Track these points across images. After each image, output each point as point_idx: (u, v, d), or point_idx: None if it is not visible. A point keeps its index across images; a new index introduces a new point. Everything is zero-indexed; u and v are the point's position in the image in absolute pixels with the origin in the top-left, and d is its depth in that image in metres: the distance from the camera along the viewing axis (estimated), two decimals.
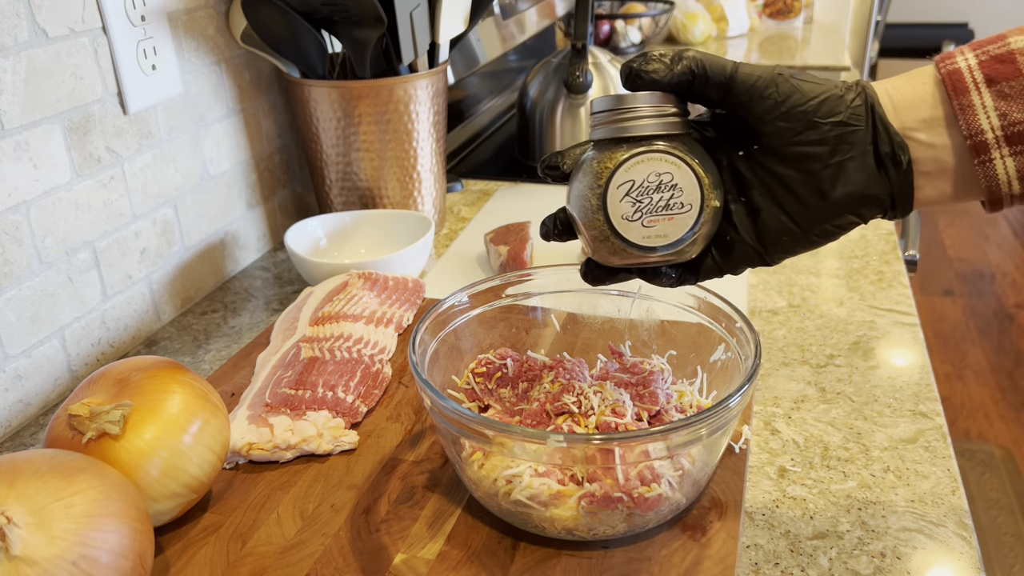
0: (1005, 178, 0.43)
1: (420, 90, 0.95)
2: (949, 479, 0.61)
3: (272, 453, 0.63)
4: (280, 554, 0.55)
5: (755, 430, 0.67)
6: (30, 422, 0.73)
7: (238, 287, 0.96)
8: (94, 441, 0.52)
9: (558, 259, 0.98)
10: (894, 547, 0.55)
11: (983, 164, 0.43)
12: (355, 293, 0.81)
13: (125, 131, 0.80)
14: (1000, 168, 0.43)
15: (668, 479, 0.52)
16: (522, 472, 0.52)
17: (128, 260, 0.83)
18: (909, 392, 0.71)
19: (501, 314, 0.68)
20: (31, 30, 0.69)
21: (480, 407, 0.64)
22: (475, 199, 1.19)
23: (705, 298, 0.64)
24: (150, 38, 0.81)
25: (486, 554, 0.54)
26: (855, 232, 1.03)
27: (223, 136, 0.95)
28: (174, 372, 0.57)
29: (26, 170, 0.70)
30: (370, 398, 0.69)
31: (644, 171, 0.46)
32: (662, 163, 0.46)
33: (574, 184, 0.49)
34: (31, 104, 0.70)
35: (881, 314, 0.84)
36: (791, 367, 0.75)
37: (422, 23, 0.93)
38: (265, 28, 0.89)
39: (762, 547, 0.55)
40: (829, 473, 0.62)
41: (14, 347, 0.71)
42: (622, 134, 0.47)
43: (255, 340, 0.81)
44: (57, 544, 0.44)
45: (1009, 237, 3.34)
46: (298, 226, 0.93)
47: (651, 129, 0.46)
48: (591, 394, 0.60)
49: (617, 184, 0.47)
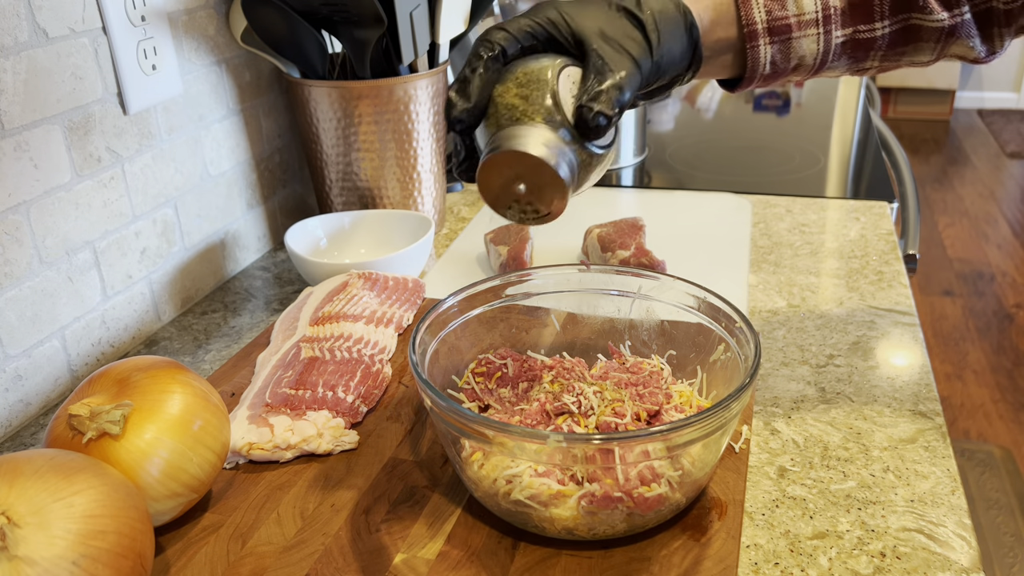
0: (763, 61, 0.58)
1: (420, 90, 0.95)
2: (949, 479, 0.61)
3: (272, 453, 0.63)
4: (280, 554, 0.55)
5: (755, 430, 0.67)
6: (30, 422, 0.73)
7: (238, 287, 0.96)
8: (94, 441, 0.52)
9: (558, 259, 0.98)
10: (894, 547, 0.55)
11: (753, 48, 0.57)
12: (355, 293, 0.81)
13: (125, 131, 0.80)
14: (762, 53, 0.58)
15: (668, 479, 0.52)
16: (522, 472, 0.52)
17: (128, 260, 0.83)
18: (909, 392, 0.71)
19: (501, 314, 0.68)
20: (31, 30, 0.69)
21: (480, 407, 0.64)
22: (475, 199, 1.19)
23: (705, 298, 0.64)
24: (150, 38, 0.81)
25: (486, 554, 0.54)
26: (855, 232, 1.03)
27: (223, 136, 0.95)
28: (174, 372, 0.57)
29: (26, 170, 0.70)
30: (370, 398, 0.69)
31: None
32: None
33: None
34: (31, 104, 0.70)
35: (881, 314, 0.84)
36: (791, 367, 0.75)
37: (422, 23, 0.93)
38: (265, 28, 0.89)
39: (762, 547, 0.55)
40: (829, 473, 0.62)
41: (14, 347, 0.71)
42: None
43: (255, 340, 0.81)
44: (57, 544, 0.44)
45: (1009, 237, 3.34)
46: (298, 226, 0.93)
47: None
48: (591, 394, 0.60)
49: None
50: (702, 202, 1.15)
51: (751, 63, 0.58)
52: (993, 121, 4.73)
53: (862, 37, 0.57)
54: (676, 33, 0.54)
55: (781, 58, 0.58)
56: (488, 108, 0.52)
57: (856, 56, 0.59)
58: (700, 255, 0.98)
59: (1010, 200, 3.72)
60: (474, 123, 0.53)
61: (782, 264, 0.95)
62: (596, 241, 0.93)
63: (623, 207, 1.16)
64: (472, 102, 0.51)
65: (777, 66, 0.58)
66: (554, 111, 0.51)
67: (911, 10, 0.57)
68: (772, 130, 1.53)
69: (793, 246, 1.00)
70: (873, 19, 0.57)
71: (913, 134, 4.59)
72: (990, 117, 4.80)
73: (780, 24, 0.57)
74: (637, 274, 0.68)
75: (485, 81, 0.52)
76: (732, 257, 0.97)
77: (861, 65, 0.60)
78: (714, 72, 0.60)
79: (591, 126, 0.50)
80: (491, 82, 0.52)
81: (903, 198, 1.31)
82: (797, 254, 0.98)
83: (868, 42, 0.58)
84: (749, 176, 1.26)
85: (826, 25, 0.57)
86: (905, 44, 0.58)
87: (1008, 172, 4.05)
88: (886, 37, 0.57)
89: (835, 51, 0.58)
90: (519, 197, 0.53)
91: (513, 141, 0.50)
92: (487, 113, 0.53)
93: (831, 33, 0.57)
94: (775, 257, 0.97)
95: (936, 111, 4.82)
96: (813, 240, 1.02)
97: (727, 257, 0.97)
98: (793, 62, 0.58)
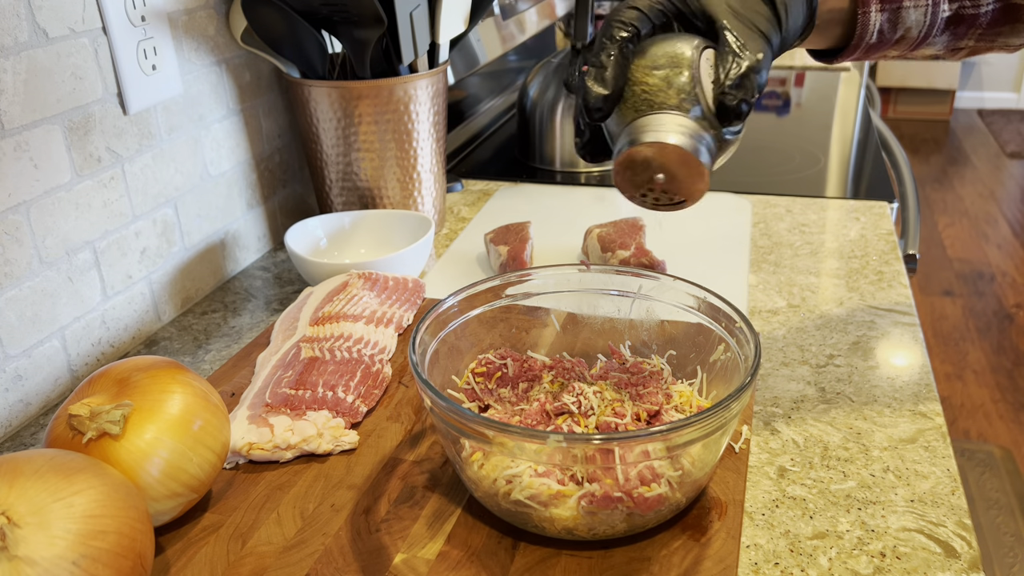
0: (872, 28, 0.57)
1: (420, 90, 0.95)
2: (949, 479, 0.61)
3: (272, 453, 0.63)
4: (280, 554, 0.55)
5: (755, 430, 0.67)
6: (30, 422, 0.73)
7: (238, 287, 0.96)
8: (94, 441, 0.52)
9: (558, 259, 0.98)
10: (894, 547, 0.55)
11: (864, 14, 0.57)
12: (355, 293, 0.81)
13: (125, 131, 0.80)
14: (872, 19, 0.57)
15: (668, 479, 0.52)
16: (522, 472, 0.52)
17: (128, 260, 0.83)
18: (909, 392, 0.71)
19: (501, 314, 0.68)
20: (31, 30, 0.69)
21: (480, 407, 0.64)
22: (475, 199, 1.19)
23: (705, 298, 0.64)
24: (150, 38, 0.81)
25: (486, 554, 0.54)
26: (855, 232, 1.03)
27: (223, 136, 0.95)
28: (174, 372, 0.57)
29: (26, 170, 0.70)
30: (370, 398, 0.69)
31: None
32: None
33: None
34: (31, 104, 0.70)
35: (881, 314, 0.84)
36: (791, 367, 0.75)
37: (422, 23, 0.93)
38: (265, 28, 0.89)
39: (762, 547, 0.55)
40: (829, 473, 0.62)
41: (14, 347, 0.71)
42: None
43: (255, 340, 0.81)
44: (57, 544, 0.44)
45: (1009, 237, 3.34)
46: (298, 226, 0.93)
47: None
48: (591, 394, 0.60)
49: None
50: (702, 202, 1.15)
51: (860, 29, 0.58)
52: (993, 121, 4.73)
53: (967, 12, 0.58)
54: (799, 4, 0.54)
55: (889, 27, 0.58)
56: (623, 91, 0.51)
57: (957, 32, 0.59)
58: (700, 255, 0.98)
59: (1010, 200, 3.72)
60: (612, 110, 0.51)
61: (782, 264, 0.95)
62: (596, 241, 0.93)
63: (623, 207, 1.16)
64: (610, 89, 0.50)
65: (884, 35, 0.58)
66: (694, 96, 0.50)
67: None
68: (772, 130, 1.53)
69: (793, 246, 1.00)
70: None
71: (913, 134, 4.59)
72: (990, 117, 4.80)
73: None
74: (637, 274, 0.68)
75: (622, 65, 0.51)
76: (732, 257, 0.97)
77: (958, 43, 0.60)
78: (817, 41, 0.60)
79: (735, 113, 0.49)
80: (628, 65, 0.51)
81: (903, 198, 1.31)
82: (797, 254, 0.98)
83: (972, 18, 0.58)
84: (749, 176, 1.26)
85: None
86: (1004, 23, 0.59)
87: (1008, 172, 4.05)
88: (988, 14, 0.58)
89: (939, 25, 0.58)
90: (657, 186, 0.52)
91: (653, 133, 0.49)
92: (623, 96, 0.51)
93: (939, 6, 0.57)
94: (775, 257, 0.97)
95: (936, 111, 4.82)
96: (813, 240, 1.02)
97: (727, 257, 0.97)
98: (899, 32, 0.58)
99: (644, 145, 0.50)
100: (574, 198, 1.19)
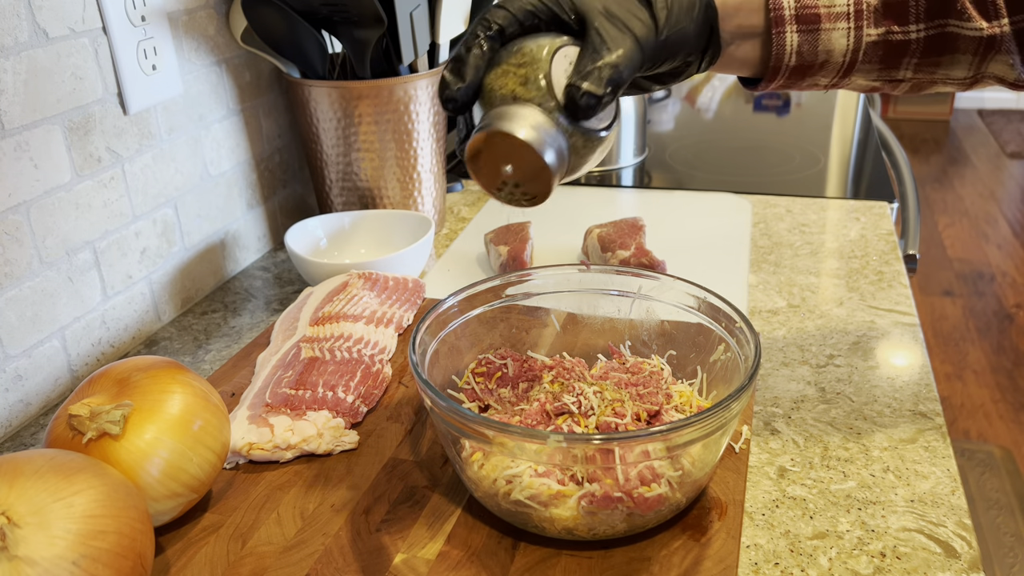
0: (790, 49, 0.56)
1: (420, 90, 0.95)
2: (949, 479, 0.61)
3: (272, 453, 0.63)
4: (280, 554, 0.55)
5: (755, 430, 0.67)
6: (30, 422, 0.73)
7: (238, 287, 0.96)
8: (94, 441, 0.52)
9: (558, 259, 0.98)
10: (894, 547, 0.55)
11: (779, 34, 0.56)
12: (355, 293, 0.81)
13: (125, 131, 0.80)
14: (788, 40, 0.56)
15: (668, 479, 0.52)
16: (522, 472, 0.52)
17: (128, 260, 0.83)
18: (909, 392, 0.71)
19: (501, 314, 0.68)
20: (31, 30, 0.69)
21: (480, 407, 0.64)
22: (475, 199, 1.19)
23: (705, 298, 0.64)
24: (150, 38, 0.81)
25: (486, 554, 0.54)
26: (855, 232, 1.03)
27: (223, 136, 0.95)
28: (174, 372, 0.57)
29: (26, 170, 0.70)
30: (370, 398, 0.69)
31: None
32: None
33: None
34: (31, 104, 0.70)
35: (881, 314, 0.84)
36: (791, 367, 0.75)
37: (422, 23, 0.93)
38: (265, 28, 0.89)
39: (762, 547, 0.55)
40: (829, 473, 0.62)
41: (14, 347, 0.71)
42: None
43: (255, 340, 0.81)
44: (57, 544, 0.44)
45: (1009, 237, 3.34)
46: (298, 226, 0.93)
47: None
48: (591, 394, 0.60)
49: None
50: (702, 202, 1.15)
51: (776, 51, 0.56)
52: (993, 121, 4.73)
53: (895, 39, 0.55)
54: (689, 11, 0.53)
55: (808, 49, 0.56)
56: (482, 88, 0.52)
57: (888, 61, 0.57)
58: (700, 255, 0.98)
59: (1010, 200, 3.72)
60: (468, 102, 0.51)
61: (782, 264, 0.95)
62: (596, 241, 0.93)
63: (623, 207, 1.16)
64: (466, 81, 0.50)
65: (804, 57, 0.56)
66: (547, 92, 0.50)
67: (948, 15, 0.54)
68: (772, 130, 1.53)
69: (793, 246, 1.00)
70: (907, 21, 0.55)
71: (913, 134, 4.59)
72: (990, 117, 4.80)
73: (809, 12, 0.55)
74: (637, 274, 0.68)
75: (480, 60, 0.51)
76: (732, 257, 0.97)
77: (893, 74, 0.58)
78: (736, 65, 0.59)
79: (579, 106, 0.49)
80: (487, 61, 0.51)
81: (903, 198, 1.31)
82: (797, 254, 0.98)
83: (901, 45, 0.56)
84: (749, 176, 1.26)
85: (857, 21, 0.55)
86: (940, 53, 0.56)
87: (1008, 172, 4.05)
88: (920, 42, 0.55)
89: (865, 51, 0.56)
90: (508, 179, 0.52)
91: (500, 122, 0.49)
92: (481, 92, 0.52)
93: (862, 30, 0.55)
94: (775, 257, 0.97)
95: (936, 111, 4.82)
96: (813, 240, 1.02)
97: (727, 257, 0.97)
98: (821, 56, 0.56)
99: (488, 132, 0.50)
100: (574, 198, 1.19)
